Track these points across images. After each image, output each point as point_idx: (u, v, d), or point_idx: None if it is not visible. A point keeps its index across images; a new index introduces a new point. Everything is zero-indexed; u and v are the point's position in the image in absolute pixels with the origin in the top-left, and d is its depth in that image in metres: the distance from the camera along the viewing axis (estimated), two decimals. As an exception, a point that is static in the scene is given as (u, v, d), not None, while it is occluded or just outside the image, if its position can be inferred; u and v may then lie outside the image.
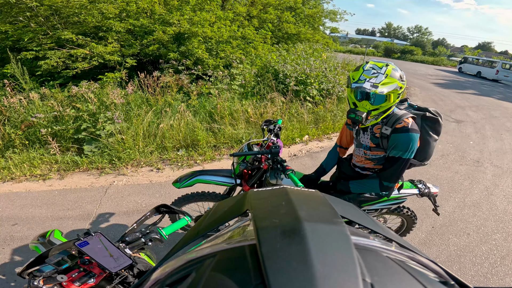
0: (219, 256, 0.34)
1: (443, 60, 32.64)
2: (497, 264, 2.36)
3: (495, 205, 3.22)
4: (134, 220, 2.65)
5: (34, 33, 5.19)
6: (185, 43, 5.88)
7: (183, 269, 0.36)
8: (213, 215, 0.49)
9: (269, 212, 0.39)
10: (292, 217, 0.36)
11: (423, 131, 1.51)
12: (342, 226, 0.35)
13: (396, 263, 0.33)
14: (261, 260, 0.29)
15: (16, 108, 4.00)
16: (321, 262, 0.28)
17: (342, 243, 0.31)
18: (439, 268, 0.37)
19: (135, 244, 1.05)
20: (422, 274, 0.33)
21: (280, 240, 0.31)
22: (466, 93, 11.41)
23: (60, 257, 0.93)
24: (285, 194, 0.45)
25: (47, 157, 3.59)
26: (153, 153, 3.87)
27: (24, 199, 2.95)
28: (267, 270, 0.27)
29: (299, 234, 0.32)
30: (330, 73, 6.31)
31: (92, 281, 0.98)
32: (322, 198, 0.46)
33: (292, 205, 0.39)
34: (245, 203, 0.45)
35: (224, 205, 0.52)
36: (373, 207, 1.82)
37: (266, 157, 1.76)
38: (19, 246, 2.35)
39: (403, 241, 0.42)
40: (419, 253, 0.39)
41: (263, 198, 0.45)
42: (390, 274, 0.31)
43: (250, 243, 0.35)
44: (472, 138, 5.53)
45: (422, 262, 0.37)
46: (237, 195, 0.51)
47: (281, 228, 0.34)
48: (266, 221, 0.36)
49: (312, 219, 0.35)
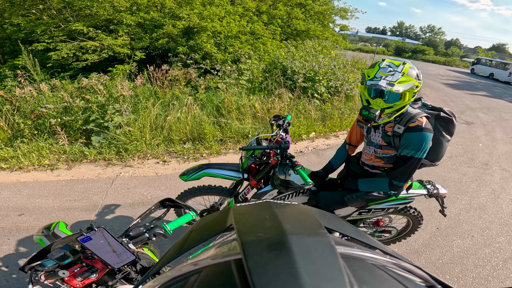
0: (204, 272, 0.34)
1: (455, 60, 31.98)
2: (499, 267, 2.33)
3: (501, 208, 3.17)
4: (139, 212, 2.67)
5: (46, 25, 5.26)
6: (194, 37, 5.89)
7: (169, 286, 0.35)
8: (198, 230, 0.49)
9: (253, 226, 0.38)
10: (277, 230, 0.36)
11: (436, 131, 1.49)
12: (326, 237, 0.35)
13: (382, 271, 0.33)
14: (248, 274, 0.28)
15: (26, 99, 4.07)
16: (309, 273, 0.28)
17: (328, 254, 0.31)
18: (424, 274, 0.37)
19: (138, 239, 1.05)
20: (408, 280, 0.33)
21: (266, 254, 0.31)
22: (478, 95, 11.18)
23: (62, 252, 0.92)
24: (268, 207, 0.45)
25: (55, 147, 3.64)
26: (160, 146, 3.90)
27: (32, 189, 2.98)
28: (254, 284, 0.27)
29: (285, 246, 0.32)
30: (339, 70, 6.24)
31: (94, 276, 0.98)
32: (305, 210, 0.46)
33: (277, 218, 0.39)
34: (228, 218, 0.45)
35: (207, 219, 0.52)
36: (380, 206, 1.80)
37: (274, 152, 1.75)
38: (25, 237, 2.35)
39: (387, 248, 0.43)
40: (404, 260, 0.39)
41: (247, 212, 0.45)
42: (378, 281, 0.31)
43: (235, 257, 0.34)
44: (481, 140, 5.43)
45: (407, 268, 0.37)
46: (220, 210, 0.51)
47: (267, 241, 0.33)
48: (251, 235, 0.35)
49: (297, 231, 0.35)
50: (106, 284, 1.06)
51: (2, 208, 2.67)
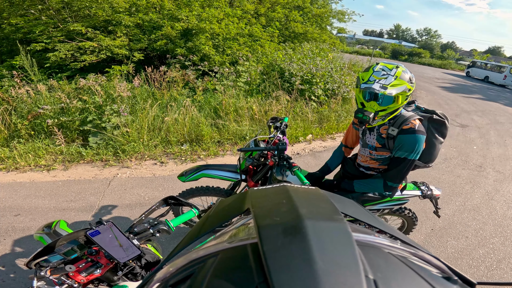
0: (221, 255, 0.34)
1: (451, 63, 32.33)
2: (493, 267, 2.37)
3: (495, 209, 3.21)
4: (137, 213, 2.68)
5: (45, 25, 5.25)
6: (192, 39, 5.91)
7: (186, 268, 0.35)
8: (215, 213, 0.49)
9: (270, 210, 0.38)
10: (293, 215, 0.36)
11: (429, 133, 1.52)
12: (343, 223, 0.34)
13: (398, 259, 0.33)
14: (263, 258, 0.29)
15: (23, 99, 4.05)
16: (323, 259, 0.28)
17: (344, 240, 0.31)
18: (441, 264, 0.37)
19: (143, 235, 1.05)
20: (425, 270, 0.33)
21: (281, 238, 0.31)
22: (473, 98, 11.31)
23: (69, 246, 0.92)
24: (285, 192, 0.45)
25: (52, 147, 3.63)
26: (157, 147, 3.90)
27: (28, 189, 2.97)
28: (269, 268, 0.27)
29: (300, 231, 0.32)
30: (336, 73, 6.29)
31: (98, 272, 0.98)
32: (322, 195, 0.46)
33: (293, 203, 0.39)
34: (246, 202, 0.44)
35: (225, 203, 0.52)
36: (375, 207, 1.82)
37: (272, 153, 1.78)
38: (21, 237, 2.34)
39: (405, 237, 0.42)
40: (421, 249, 0.39)
41: (264, 196, 0.45)
42: (392, 270, 0.30)
43: (251, 241, 0.34)
44: (476, 143, 5.50)
45: (424, 258, 0.37)
46: (238, 193, 0.51)
47: (283, 226, 0.33)
48: (267, 219, 0.35)
49: (313, 216, 0.35)
50: (109, 280, 1.07)
51: (-2, 208, 2.66)
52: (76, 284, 0.96)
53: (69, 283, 0.95)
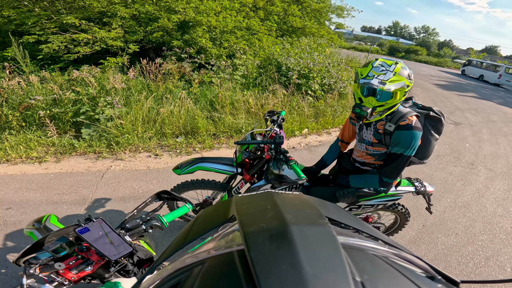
0: (207, 263, 0.34)
1: (447, 61, 32.51)
2: (481, 264, 2.41)
3: (485, 207, 3.26)
4: (130, 206, 2.65)
5: (38, 17, 5.15)
6: (189, 32, 5.83)
7: (172, 277, 0.35)
8: (199, 222, 0.49)
9: (255, 217, 0.39)
10: (279, 221, 0.36)
11: (425, 130, 1.53)
12: (328, 227, 0.35)
13: (383, 261, 0.33)
14: (251, 264, 0.29)
15: (14, 90, 3.97)
16: (311, 263, 0.28)
17: (330, 244, 0.32)
18: (425, 264, 0.37)
19: (135, 231, 1.03)
20: (409, 270, 0.33)
21: (268, 244, 0.31)
22: (467, 96, 11.40)
23: (58, 244, 0.89)
24: (270, 198, 0.45)
25: (44, 139, 3.57)
26: (152, 139, 3.87)
27: (19, 182, 2.92)
28: (257, 274, 0.27)
29: (286, 237, 0.32)
30: (333, 68, 6.28)
31: (89, 269, 0.96)
32: (306, 200, 0.46)
33: (278, 209, 0.39)
34: (230, 209, 0.45)
35: (209, 211, 0.52)
36: (370, 202, 1.84)
37: (269, 147, 1.77)
38: (12, 231, 2.29)
39: (388, 239, 0.43)
40: (404, 250, 0.40)
41: (249, 203, 0.45)
42: (379, 271, 0.31)
43: (238, 248, 0.34)
44: (468, 140, 5.56)
45: (408, 259, 0.37)
46: (221, 201, 0.51)
47: (269, 232, 0.34)
48: (253, 226, 0.35)
49: (298, 221, 0.36)
50: (101, 277, 1.05)
51: (-11, 201, 2.61)
52: (67, 282, 0.95)
53: (60, 281, 0.93)
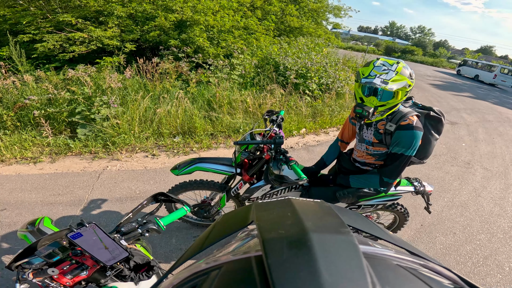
0: (225, 267, 0.34)
1: (442, 61, 32.77)
2: (480, 263, 2.42)
3: (482, 206, 3.28)
4: (127, 207, 2.62)
5: (33, 16, 5.08)
6: (186, 31, 5.80)
7: (189, 280, 0.35)
8: (219, 226, 0.49)
9: (274, 223, 0.38)
10: (298, 228, 0.35)
11: (425, 130, 1.53)
12: (349, 236, 0.34)
13: (407, 271, 0.32)
14: (268, 271, 0.28)
15: (9, 90, 3.91)
16: (329, 272, 0.27)
17: (351, 252, 0.31)
18: (453, 275, 0.36)
19: (131, 235, 1.00)
20: (435, 281, 0.32)
21: (286, 251, 0.31)
22: (462, 96, 11.50)
23: (50, 249, 0.86)
24: (290, 205, 0.44)
25: (39, 139, 3.52)
26: (149, 139, 3.83)
27: (14, 182, 2.87)
28: (274, 281, 0.27)
29: (305, 244, 0.32)
30: (330, 68, 6.29)
31: (84, 274, 0.94)
32: (327, 208, 0.46)
33: (298, 216, 0.39)
34: (250, 214, 0.45)
35: (229, 216, 0.52)
36: (369, 202, 1.83)
37: (268, 147, 1.75)
38: (7, 232, 2.25)
39: (414, 248, 0.42)
40: (431, 260, 0.39)
41: (268, 209, 0.45)
42: (401, 282, 0.30)
43: (256, 254, 0.34)
44: (464, 140, 5.60)
45: (435, 269, 0.36)
46: (242, 206, 0.50)
47: (288, 239, 0.33)
48: (272, 233, 0.35)
49: (318, 229, 0.35)
50: (97, 282, 1.02)
51: (-17, 202, 2.57)
52: (62, 287, 0.92)
53: (54, 286, 0.91)
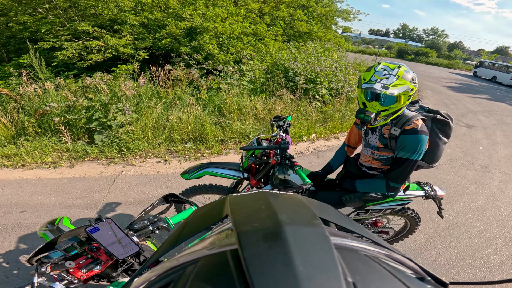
0: (201, 262, 0.34)
1: (458, 63, 31.89)
2: (496, 268, 2.35)
3: (500, 211, 3.18)
4: (140, 210, 2.69)
5: (51, 24, 5.31)
6: (196, 38, 5.94)
7: (165, 276, 0.35)
8: (193, 221, 0.49)
9: (249, 217, 0.39)
10: (273, 221, 0.36)
11: (432, 133, 1.51)
12: (321, 228, 0.35)
13: (375, 262, 0.33)
14: (244, 264, 0.29)
15: (31, 97, 4.10)
16: (304, 263, 0.28)
17: (323, 244, 0.32)
18: (414, 265, 0.38)
19: (142, 232, 1.06)
20: (400, 271, 0.34)
21: (261, 244, 0.31)
22: (479, 98, 11.16)
23: (70, 243, 0.93)
24: (264, 198, 0.45)
25: (58, 145, 3.68)
26: (161, 145, 3.93)
27: (34, 186, 3.01)
28: (250, 274, 0.27)
29: (280, 237, 0.32)
30: (340, 72, 6.27)
31: (98, 268, 0.99)
32: (300, 201, 0.46)
33: (272, 209, 0.39)
34: (224, 208, 0.44)
35: (203, 210, 0.52)
36: (377, 207, 1.82)
37: (274, 152, 1.78)
38: (26, 233, 2.36)
39: (380, 239, 0.43)
40: (395, 251, 0.40)
41: (243, 202, 0.45)
42: (370, 272, 0.31)
43: (231, 248, 0.34)
44: (482, 143, 5.43)
45: (398, 260, 0.38)
46: (216, 200, 0.51)
47: (262, 232, 0.34)
48: (247, 226, 0.35)
49: (292, 222, 0.36)
50: (109, 277, 1.08)
51: (5, 205, 2.70)
52: (76, 280, 0.98)
53: (69, 279, 0.96)
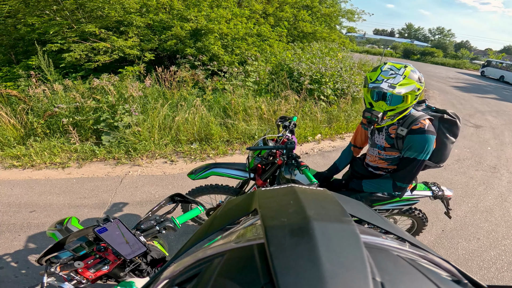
0: (227, 255, 0.34)
1: (465, 63, 31.48)
2: (504, 269, 2.32)
3: (508, 211, 3.14)
4: (147, 209, 2.72)
5: (59, 26, 5.39)
6: (201, 39, 5.98)
7: (193, 267, 0.35)
8: (222, 213, 0.49)
9: (277, 211, 0.38)
10: (301, 216, 0.35)
11: (440, 133, 1.50)
12: (351, 225, 0.34)
13: (407, 262, 0.32)
14: (270, 259, 0.28)
15: (40, 98, 4.17)
16: (330, 261, 0.27)
17: (352, 242, 0.31)
18: (451, 267, 0.36)
19: (149, 232, 1.07)
20: (434, 273, 0.32)
21: (288, 239, 0.31)
22: (487, 98, 11.01)
23: (78, 243, 0.95)
24: (293, 193, 0.44)
25: (67, 146, 3.74)
26: (168, 146, 3.97)
27: (43, 186, 3.06)
28: (275, 269, 0.27)
29: (307, 233, 0.31)
30: (345, 73, 6.25)
31: (106, 268, 1.01)
32: (330, 196, 0.45)
33: (301, 204, 0.39)
34: (253, 202, 0.44)
35: (233, 203, 0.52)
36: (384, 207, 1.81)
37: (281, 152, 1.79)
38: (35, 233, 2.39)
39: (415, 239, 0.41)
40: (431, 252, 0.38)
41: (271, 197, 0.45)
42: (401, 273, 0.30)
43: (258, 242, 0.34)
44: (490, 143, 5.36)
45: (434, 261, 0.36)
46: (245, 193, 0.50)
47: (290, 227, 0.33)
48: (275, 220, 0.35)
49: (320, 218, 0.35)
50: (116, 276, 1.09)
51: (14, 204, 2.75)
52: (85, 280, 0.99)
53: (78, 279, 0.98)
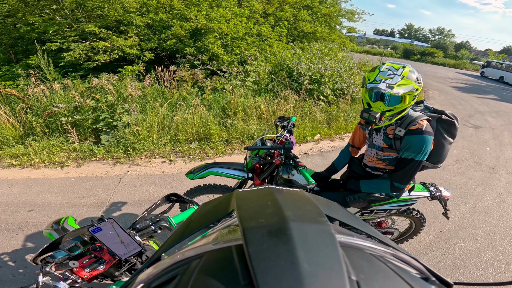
0: (206, 257, 0.34)
1: (465, 63, 31.45)
2: (501, 270, 2.33)
3: (506, 212, 3.14)
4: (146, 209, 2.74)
5: (59, 25, 5.39)
6: (201, 39, 5.98)
7: (170, 270, 0.35)
8: (199, 216, 0.49)
9: (255, 212, 0.38)
10: (278, 217, 0.36)
11: (438, 134, 1.50)
12: (326, 225, 0.35)
13: (380, 261, 0.33)
14: (248, 260, 0.29)
15: (39, 97, 4.17)
16: (308, 261, 0.28)
17: (328, 242, 0.31)
18: (420, 265, 0.37)
19: (144, 232, 1.08)
20: (404, 271, 0.33)
21: (266, 240, 0.31)
22: (487, 98, 11.01)
23: (73, 243, 0.95)
24: (270, 194, 0.44)
25: (66, 145, 3.74)
26: (167, 145, 3.97)
27: (42, 185, 3.06)
28: (254, 270, 0.27)
29: (285, 233, 0.32)
30: (345, 73, 6.25)
31: (101, 268, 1.01)
32: (307, 197, 0.46)
33: (278, 205, 0.39)
34: (230, 204, 0.44)
35: (209, 205, 0.52)
36: (382, 207, 1.82)
37: (278, 152, 1.80)
38: (33, 232, 2.39)
39: (385, 238, 0.43)
40: (400, 250, 0.40)
41: (249, 198, 0.45)
42: (375, 271, 0.31)
43: (236, 243, 0.34)
44: (489, 144, 5.37)
45: (404, 259, 0.37)
46: (222, 195, 0.50)
47: (268, 228, 0.33)
48: (252, 221, 0.35)
49: (298, 218, 0.35)
50: (112, 276, 1.09)
51: (12, 204, 2.75)
52: (80, 280, 0.99)
53: (73, 279, 0.98)
